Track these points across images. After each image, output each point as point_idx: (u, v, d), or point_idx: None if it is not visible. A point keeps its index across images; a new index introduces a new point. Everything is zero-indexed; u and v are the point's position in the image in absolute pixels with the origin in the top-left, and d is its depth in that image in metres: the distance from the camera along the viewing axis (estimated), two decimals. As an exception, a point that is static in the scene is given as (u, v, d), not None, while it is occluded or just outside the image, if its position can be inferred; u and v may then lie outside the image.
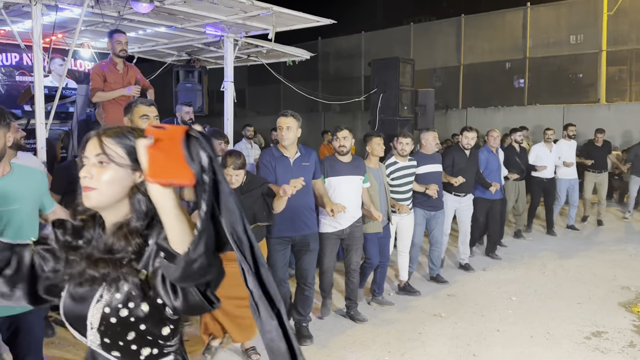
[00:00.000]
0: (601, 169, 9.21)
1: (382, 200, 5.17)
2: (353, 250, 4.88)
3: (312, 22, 6.50)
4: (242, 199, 3.69)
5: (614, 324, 4.82)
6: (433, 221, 5.99)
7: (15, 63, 8.05)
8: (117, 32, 5.68)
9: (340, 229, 4.74)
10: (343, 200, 4.59)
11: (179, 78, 8.32)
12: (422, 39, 16.86)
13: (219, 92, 7.62)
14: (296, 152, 4.39)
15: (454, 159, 6.35)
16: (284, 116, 4.31)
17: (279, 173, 4.29)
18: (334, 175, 4.72)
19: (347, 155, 4.81)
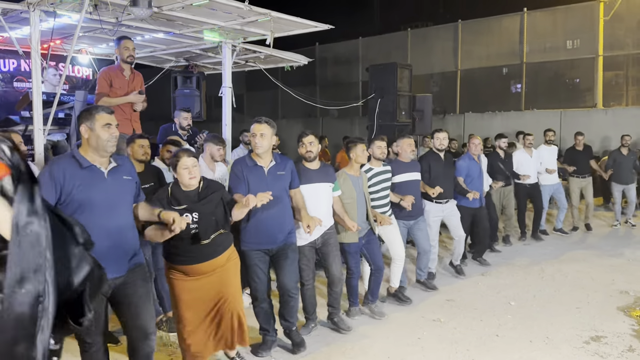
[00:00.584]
0: (585, 174, 9.06)
1: (361, 209, 4.96)
2: (331, 257, 4.65)
3: (310, 28, 6.52)
4: (201, 205, 3.54)
5: (613, 329, 4.82)
6: (415, 228, 5.78)
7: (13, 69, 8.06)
8: (124, 39, 5.73)
9: (312, 240, 4.54)
10: (314, 209, 4.40)
11: (177, 84, 8.33)
12: (419, 45, 16.93)
13: (217, 97, 7.63)
14: (271, 160, 4.14)
15: (430, 164, 6.07)
16: (258, 122, 4.05)
17: (253, 183, 4.02)
18: (303, 183, 4.46)
19: (315, 161, 4.57)
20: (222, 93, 7.49)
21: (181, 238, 3.43)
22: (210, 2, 5.28)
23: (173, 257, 3.61)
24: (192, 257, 3.55)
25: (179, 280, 3.62)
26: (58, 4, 5.14)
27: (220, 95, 7.52)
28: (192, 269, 3.58)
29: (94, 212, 2.99)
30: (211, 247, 3.57)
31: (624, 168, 9.23)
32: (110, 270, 2.95)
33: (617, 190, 9.32)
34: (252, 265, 4.17)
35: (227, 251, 3.71)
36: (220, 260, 3.65)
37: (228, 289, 3.71)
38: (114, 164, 3.17)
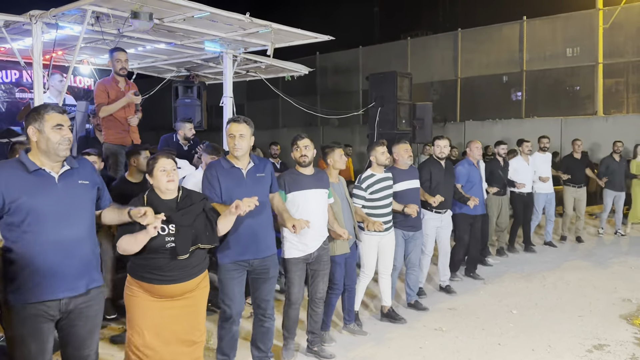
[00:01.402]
0: (580, 183, 8.90)
1: (346, 217, 4.68)
2: (320, 276, 4.30)
3: (309, 39, 6.55)
4: (179, 216, 3.18)
5: (615, 337, 4.80)
6: (411, 243, 5.54)
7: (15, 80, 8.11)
8: (116, 50, 5.79)
9: (308, 253, 4.17)
10: (310, 218, 4.03)
11: (178, 94, 8.36)
12: (419, 53, 16.99)
13: (218, 107, 7.66)
14: (249, 162, 3.80)
15: (431, 172, 5.87)
16: (236, 122, 3.73)
17: (230, 187, 3.69)
18: (298, 190, 4.15)
19: (310, 167, 4.26)
20: (223, 103, 7.52)
21: (155, 251, 3.12)
22: (211, 14, 5.31)
23: (140, 273, 3.19)
24: (164, 277, 3.16)
25: (139, 299, 3.21)
26: (60, 16, 5.18)
27: (221, 105, 7.55)
28: (160, 289, 3.19)
29: (42, 222, 2.66)
30: (186, 267, 3.21)
31: (617, 175, 9.14)
32: (60, 288, 2.69)
33: (610, 197, 9.21)
34: (228, 279, 3.74)
35: (200, 276, 3.34)
36: (191, 285, 3.28)
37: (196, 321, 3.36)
38: (67, 167, 2.80)
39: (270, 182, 3.91)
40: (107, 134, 5.86)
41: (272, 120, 20.38)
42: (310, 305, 4.41)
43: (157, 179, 3.22)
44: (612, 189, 9.16)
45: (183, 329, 3.28)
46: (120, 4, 4.91)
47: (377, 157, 5.05)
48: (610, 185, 9.14)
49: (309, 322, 4.45)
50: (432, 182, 5.84)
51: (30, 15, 5.21)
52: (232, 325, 3.81)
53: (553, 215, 8.65)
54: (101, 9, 5.03)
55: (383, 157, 5.03)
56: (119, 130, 5.85)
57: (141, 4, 4.80)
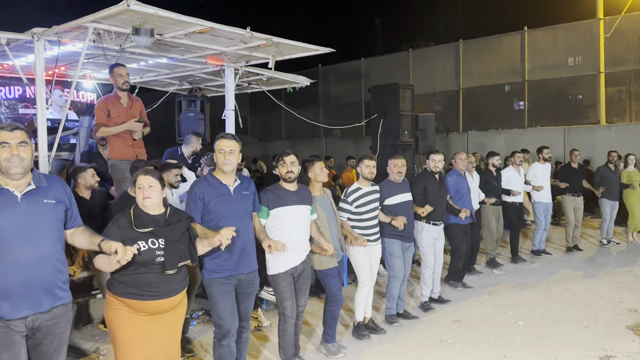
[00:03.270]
0: (579, 192, 8.88)
1: (333, 230, 4.64)
2: (302, 291, 4.32)
3: (310, 51, 6.58)
4: (169, 231, 3.20)
5: (622, 348, 4.75)
6: (406, 254, 5.55)
7: (19, 96, 8.16)
8: (117, 66, 5.70)
9: (293, 266, 4.19)
10: (293, 233, 4.13)
11: (182, 107, 8.40)
12: (421, 64, 17.06)
13: (221, 119, 7.68)
14: (235, 179, 3.82)
15: (426, 186, 5.88)
16: (226, 139, 3.75)
17: (218, 204, 3.69)
18: (281, 206, 4.14)
19: (294, 182, 4.25)
20: (226, 116, 7.54)
21: (144, 266, 3.10)
22: (212, 29, 5.34)
23: (125, 290, 3.14)
24: (148, 292, 3.14)
25: (123, 317, 3.15)
26: (62, 33, 5.22)
27: (224, 117, 7.58)
28: (148, 306, 3.16)
29: (4, 241, 2.63)
30: (173, 282, 3.21)
31: (613, 184, 9.11)
32: (23, 306, 2.66)
33: (607, 207, 9.17)
34: (221, 294, 3.74)
35: (184, 291, 3.36)
36: (176, 300, 3.28)
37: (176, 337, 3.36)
38: (33, 186, 2.76)
39: (253, 200, 3.96)
40: (111, 150, 5.72)
41: (275, 132, 20.45)
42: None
43: (136, 195, 3.25)
44: (609, 199, 9.12)
45: (164, 345, 3.26)
46: (121, 20, 4.95)
47: (362, 170, 5.09)
48: (607, 195, 9.10)
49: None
50: (428, 195, 5.84)
51: (33, 33, 5.25)
52: (230, 341, 3.78)
53: (548, 224, 8.64)
54: (102, 25, 5.07)
55: (366, 171, 5.06)
56: (124, 145, 5.70)
57: (142, 21, 4.83)
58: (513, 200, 8.04)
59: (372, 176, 5.09)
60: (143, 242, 3.10)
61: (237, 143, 3.76)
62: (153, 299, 3.15)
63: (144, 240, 3.11)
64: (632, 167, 9.41)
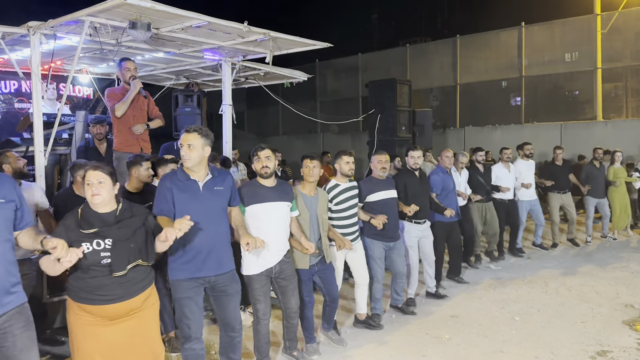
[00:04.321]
0: (565, 189, 8.79)
1: (313, 232, 4.47)
2: (289, 291, 4.18)
3: (308, 46, 6.55)
4: (116, 230, 2.99)
5: (618, 343, 4.77)
6: (394, 253, 5.44)
7: (14, 90, 8.11)
8: (125, 60, 5.86)
9: (268, 267, 4.05)
10: (270, 232, 3.99)
11: (178, 102, 8.37)
12: (418, 60, 17.05)
13: (218, 114, 7.66)
14: (206, 174, 3.62)
15: (406, 183, 5.73)
16: (187, 132, 3.55)
17: (185, 200, 3.50)
18: (257, 203, 4.00)
19: (271, 178, 4.09)
20: (223, 111, 7.52)
21: (89, 269, 2.94)
22: (209, 24, 5.31)
23: (79, 294, 2.99)
24: (102, 296, 2.96)
25: (84, 324, 3.00)
26: (58, 27, 5.18)
27: (221, 112, 7.55)
28: (102, 310, 2.99)
29: None
30: (126, 283, 3.02)
31: (598, 182, 9.02)
32: None
33: (591, 204, 9.10)
34: (183, 298, 3.56)
35: (146, 291, 3.15)
36: (136, 302, 3.09)
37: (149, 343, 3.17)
38: None
39: (230, 195, 3.74)
40: (116, 142, 5.88)
41: (272, 127, 20.41)
42: (284, 319, 4.35)
43: (85, 192, 3.05)
44: (593, 196, 9.04)
45: (136, 352, 3.11)
46: (118, 14, 4.91)
47: (341, 166, 4.93)
48: (591, 192, 9.01)
49: (285, 331, 4.41)
50: (408, 193, 5.71)
51: (28, 26, 5.21)
52: (195, 343, 3.62)
53: (542, 220, 8.58)
54: (99, 19, 5.03)
55: (347, 167, 4.90)
56: (130, 138, 5.88)
57: (139, 14, 4.80)
58: (501, 197, 7.95)
59: (351, 173, 4.93)
60: (87, 244, 2.93)
61: (200, 136, 3.53)
62: (107, 303, 2.98)
63: (88, 242, 2.93)
64: (618, 163, 9.32)
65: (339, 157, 4.93)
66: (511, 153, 8.19)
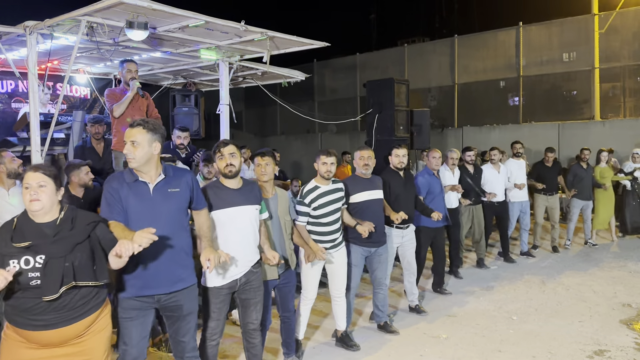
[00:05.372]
0: (552, 191, 8.53)
1: (275, 238, 4.04)
2: (252, 305, 3.67)
3: (306, 45, 6.55)
4: (50, 244, 2.54)
5: (616, 342, 4.77)
6: (375, 259, 4.97)
7: (11, 90, 8.09)
8: (127, 61, 5.88)
9: (233, 280, 3.55)
10: (238, 241, 3.53)
11: (176, 102, 8.36)
12: (416, 60, 17.04)
13: (216, 114, 7.66)
14: (159, 174, 3.12)
15: (389, 184, 5.26)
16: (130, 127, 3.07)
17: (132, 205, 3.00)
18: (221, 207, 3.50)
19: (237, 178, 3.61)
20: (220, 110, 7.52)
21: (22, 289, 2.50)
22: (207, 23, 5.31)
23: (12, 316, 2.58)
24: (32, 321, 2.52)
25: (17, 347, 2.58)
26: (55, 27, 5.17)
27: (219, 112, 7.55)
28: (33, 336, 2.56)
29: None
30: (61, 309, 2.55)
31: (585, 183, 8.77)
32: None
33: (577, 207, 8.83)
34: (124, 319, 3.06)
35: (90, 317, 2.67)
36: (76, 330, 2.62)
37: None
38: None
39: (189, 197, 3.23)
40: (114, 141, 5.90)
41: (270, 127, 20.41)
42: (244, 337, 3.81)
43: (23, 197, 2.62)
44: (580, 198, 8.80)
45: None
46: (115, 14, 4.91)
47: (318, 167, 4.45)
48: (578, 194, 8.78)
49: (247, 356, 3.86)
50: (391, 194, 5.26)
51: (25, 26, 5.21)
52: None
53: (528, 224, 8.32)
54: (95, 19, 5.03)
55: (324, 169, 4.40)
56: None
57: (136, 14, 4.80)
58: (492, 200, 7.63)
59: (329, 175, 4.41)
60: (15, 261, 2.48)
61: (146, 131, 3.04)
62: (38, 330, 2.54)
63: (16, 259, 2.49)
64: (604, 163, 9.12)
65: (317, 157, 4.46)
66: (498, 154, 7.87)
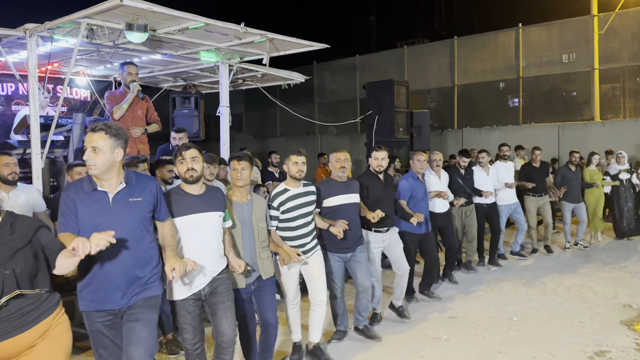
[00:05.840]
0: (542, 192, 8.37)
1: (247, 245, 3.83)
2: (221, 310, 3.45)
3: (305, 47, 6.56)
4: None
5: (616, 343, 4.77)
6: (354, 264, 4.74)
7: (11, 92, 8.10)
8: (127, 64, 5.93)
9: (197, 291, 3.40)
10: (201, 250, 3.36)
11: (176, 104, 8.37)
12: (416, 61, 17.07)
13: (216, 116, 7.67)
14: (120, 182, 2.93)
15: (368, 187, 5.06)
16: (92, 131, 2.87)
17: (91, 215, 2.83)
18: (182, 214, 3.33)
19: (198, 184, 3.42)
20: (220, 112, 7.53)
21: None
22: (206, 25, 5.31)
23: None
24: None
25: None
26: (55, 29, 5.18)
27: (218, 114, 7.56)
28: None
29: None
30: (6, 319, 2.42)
31: (574, 186, 8.62)
32: None
33: (568, 210, 8.71)
34: (93, 331, 2.95)
35: (42, 323, 2.54)
36: (28, 339, 2.49)
37: None
38: None
39: (153, 207, 3.06)
40: None
41: (270, 129, 20.43)
42: (216, 353, 3.54)
43: None
44: (569, 201, 8.66)
45: None
46: (115, 16, 4.91)
47: (289, 168, 4.23)
48: (567, 197, 8.63)
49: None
50: (370, 198, 5.06)
51: (25, 28, 5.22)
52: None
53: (524, 224, 8.15)
54: (95, 21, 5.04)
55: (294, 169, 4.18)
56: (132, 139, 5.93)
57: (136, 16, 4.81)
58: (481, 202, 7.50)
59: (300, 175, 4.19)
60: None
61: (109, 136, 2.84)
62: None
63: None
64: (593, 166, 9.02)
65: (287, 158, 4.22)
66: (487, 157, 7.72)
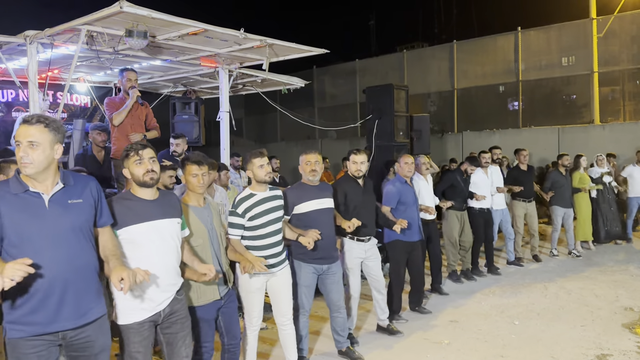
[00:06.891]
0: (530, 197, 8.15)
1: (214, 252, 3.51)
2: (180, 339, 3.09)
3: (305, 52, 6.58)
4: None
5: (618, 346, 4.76)
6: (328, 280, 4.36)
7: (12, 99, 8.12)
8: (127, 70, 5.93)
9: (155, 313, 2.96)
10: (157, 261, 2.94)
11: (176, 110, 8.39)
12: (415, 65, 17.09)
13: (216, 121, 7.68)
14: (55, 183, 2.54)
15: (346, 194, 4.72)
16: (26, 123, 2.48)
17: (21, 220, 2.42)
18: (135, 223, 2.92)
19: (152, 189, 3.00)
20: (220, 118, 7.54)
21: None
22: (206, 31, 5.33)
23: None
24: None
25: None
26: (55, 36, 5.19)
27: (218, 119, 7.57)
28: None
29: None
30: None
31: (565, 190, 8.44)
32: None
33: (559, 215, 8.47)
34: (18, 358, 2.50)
35: None
36: None
37: None
38: None
39: (95, 210, 2.67)
40: (114, 149, 5.95)
41: (270, 133, 20.44)
42: None
43: None
44: (560, 206, 8.46)
45: None
46: (115, 22, 4.93)
47: (253, 171, 3.86)
48: (559, 202, 8.44)
49: None
50: (349, 205, 4.73)
51: (25, 35, 5.24)
52: None
53: (512, 231, 7.96)
54: (95, 28, 5.05)
55: (261, 173, 3.84)
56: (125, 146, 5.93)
57: (136, 22, 4.82)
58: (478, 206, 7.32)
59: (268, 179, 3.88)
60: None
61: (47, 130, 2.46)
62: None
63: None
64: (582, 169, 8.86)
65: (249, 162, 3.86)
66: (489, 157, 7.57)
